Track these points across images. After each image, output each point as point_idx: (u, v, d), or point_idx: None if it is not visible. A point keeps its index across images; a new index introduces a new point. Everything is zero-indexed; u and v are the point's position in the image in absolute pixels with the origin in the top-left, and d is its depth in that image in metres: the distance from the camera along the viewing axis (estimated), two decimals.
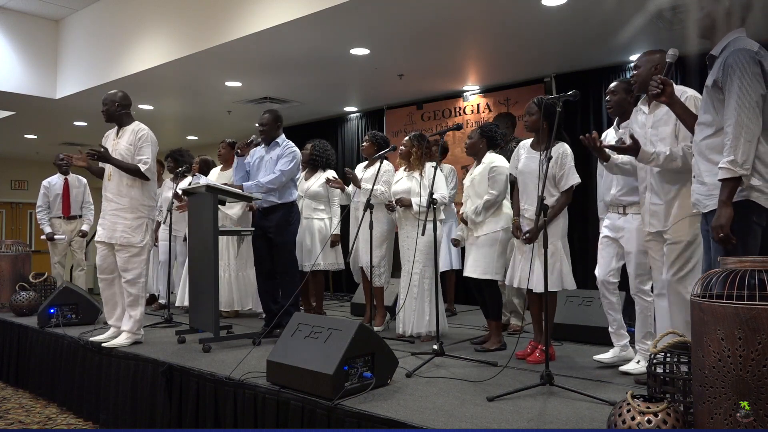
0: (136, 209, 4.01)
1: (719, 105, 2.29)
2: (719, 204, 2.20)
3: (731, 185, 2.18)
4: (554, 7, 4.46)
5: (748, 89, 2.18)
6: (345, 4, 4.38)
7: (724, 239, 2.17)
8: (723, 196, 2.19)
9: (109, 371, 3.91)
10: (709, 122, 2.35)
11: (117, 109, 4.11)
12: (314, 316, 3.27)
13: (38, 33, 7.16)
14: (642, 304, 3.20)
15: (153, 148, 4.07)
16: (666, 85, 2.53)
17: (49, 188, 6.56)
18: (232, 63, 5.87)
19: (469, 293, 6.11)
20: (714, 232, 2.20)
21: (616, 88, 3.36)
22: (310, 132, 8.16)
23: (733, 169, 2.16)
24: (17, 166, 12.10)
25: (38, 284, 5.77)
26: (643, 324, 3.20)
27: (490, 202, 3.82)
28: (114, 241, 3.99)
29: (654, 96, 2.55)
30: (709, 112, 2.34)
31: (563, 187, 3.48)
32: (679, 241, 2.76)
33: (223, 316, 5.14)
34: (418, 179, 4.20)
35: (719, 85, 2.27)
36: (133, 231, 3.99)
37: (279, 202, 4.34)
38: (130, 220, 3.99)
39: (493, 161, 3.89)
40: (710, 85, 2.32)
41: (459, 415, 2.48)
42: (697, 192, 2.42)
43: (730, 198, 2.18)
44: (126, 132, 4.09)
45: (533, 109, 3.58)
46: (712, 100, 2.33)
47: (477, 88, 6.82)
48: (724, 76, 2.24)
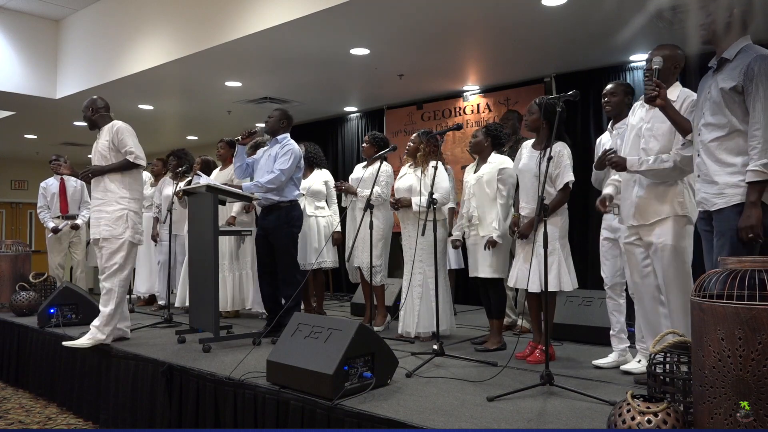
0: (115, 202, 4.05)
1: (736, 108, 2.33)
2: (749, 205, 2.25)
3: (760, 188, 2.24)
4: (554, 7, 4.46)
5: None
6: (345, 4, 4.38)
7: (754, 239, 2.23)
8: (752, 197, 2.24)
9: (109, 371, 3.91)
10: (722, 124, 2.38)
11: (92, 114, 4.21)
12: (314, 316, 3.27)
13: (38, 33, 7.16)
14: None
15: (132, 138, 4.11)
16: (661, 89, 2.59)
17: (46, 189, 6.65)
18: (232, 63, 5.87)
19: (469, 293, 6.12)
20: (743, 232, 2.25)
21: (616, 90, 3.39)
22: (310, 132, 8.17)
23: (765, 171, 2.22)
24: (17, 166, 12.10)
25: (38, 284, 5.77)
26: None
27: (507, 207, 3.86)
28: (97, 235, 4.05)
29: (650, 99, 2.62)
30: (722, 114, 2.37)
31: (559, 185, 3.50)
32: (665, 245, 2.77)
33: (223, 316, 5.14)
34: (419, 177, 4.19)
35: (739, 90, 2.31)
36: (113, 223, 4.02)
37: (279, 201, 4.34)
38: (110, 213, 4.04)
39: (503, 163, 3.90)
40: (728, 88, 2.35)
41: (459, 415, 2.48)
42: (703, 191, 2.44)
43: (759, 199, 2.24)
44: (103, 131, 4.18)
45: (534, 109, 3.61)
46: (727, 102, 2.36)
47: (477, 88, 6.82)
48: (747, 80, 2.29)
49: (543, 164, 3.25)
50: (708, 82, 2.49)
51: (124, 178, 4.09)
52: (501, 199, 3.85)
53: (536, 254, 3.38)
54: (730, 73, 2.35)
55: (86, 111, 4.22)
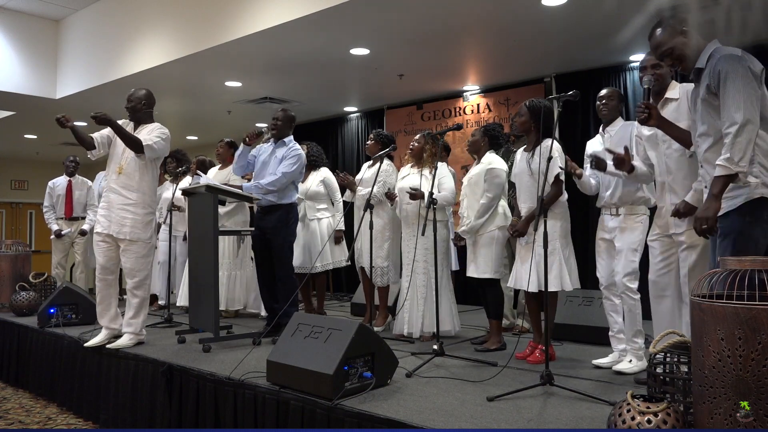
0: (147, 205, 4.00)
1: (714, 112, 2.34)
2: (710, 197, 2.25)
3: (724, 181, 2.22)
4: (554, 7, 4.46)
5: (742, 90, 2.23)
6: (345, 4, 4.38)
7: (708, 231, 2.23)
8: (715, 190, 2.23)
9: (109, 371, 3.91)
10: (711, 131, 2.39)
11: (143, 107, 4.11)
12: (314, 316, 3.27)
13: (38, 33, 7.16)
14: (629, 303, 3.22)
15: (165, 144, 4.02)
16: (651, 108, 2.62)
17: (53, 188, 6.65)
18: (232, 63, 5.87)
19: (469, 293, 6.12)
20: (698, 222, 2.26)
21: (612, 95, 3.41)
22: (310, 132, 8.17)
23: (728, 166, 2.19)
24: (17, 166, 12.10)
25: (38, 284, 5.77)
26: (631, 322, 3.23)
27: (486, 206, 3.84)
28: (122, 236, 3.92)
29: (643, 121, 2.64)
30: (707, 122, 2.39)
31: (550, 179, 3.49)
32: (696, 245, 2.74)
33: (223, 316, 5.14)
34: (428, 177, 4.14)
35: (713, 91, 2.32)
36: (144, 227, 3.97)
37: (278, 203, 4.34)
38: (141, 216, 3.96)
39: (491, 162, 3.90)
40: (705, 94, 2.36)
41: (459, 415, 2.48)
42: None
43: (722, 193, 2.24)
44: (144, 129, 4.05)
45: (523, 111, 3.62)
46: (707, 108, 2.38)
47: (477, 88, 6.82)
48: (715, 80, 2.29)
49: (542, 164, 3.24)
50: (693, 95, 2.53)
51: (154, 182, 4.05)
52: (484, 198, 3.83)
53: (536, 254, 3.38)
54: (704, 80, 2.38)
55: (137, 102, 4.09)
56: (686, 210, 2.64)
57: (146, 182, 4.00)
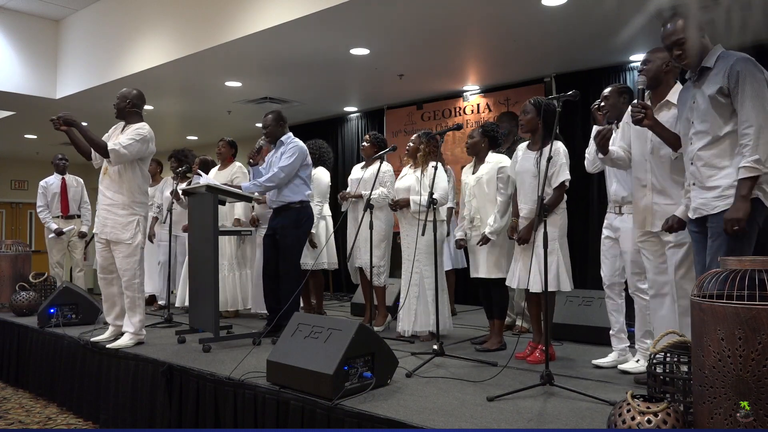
0: (128, 206, 3.97)
1: (724, 111, 2.37)
2: (739, 199, 2.29)
3: (751, 183, 2.28)
4: (554, 7, 4.46)
5: (759, 94, 2.30)
6: (345, 4, 4.38)
7: (739, 232, 2.26)
8: (743, 191, 2.28)
9: (109, 371, 3.91)
10: (713, 129, 2.42)
11: (127, 106, 4.08)
12: (314, 316, 3.27)
13: (38, 33, 7.16)
14: (640, 303, 3.22)
15: (141, 145, 3.91)
16: (647, 108, 2.66)
17: (46, 188, 6.60)
18: (232, 63, 5.87)
19: (469, 293, 6.12)
20: (729, 224, 2.28)
21: (610, 94, 3.43)
22: (310, 132, 8.14)
23: (757, 167, 2.26)
24: (17, 166, 12.10)
25: (38, 284, 5.77)
26: (642, 323, 3.22)
27: (506, 204, 3.84)
28: (104, 236, 4.00)
29: (638, 121, 2.68)
30: (712, 120, 2.41)
31: (554, 184, 3.50)
32: (683, 243, 2.76)
33: (223, 316, 5.14)
34: (418, 177, 4.20)
35: (725, 92, 2.36)
36: (123, 228, 3.95)
37: (290, 202, 4.36)
38: (121, 217, 3.96)
39: (501, 161, 3.91)
40: (714, 93, 2.39)
41: (459, 415, 2.48)
42: (700, 197, 2.47)
43: (749, 194, 2.28)
44: (129, 129, 4.05)
45: (529, 108, 3.61)
46: (715, 107, 2.39)
47: (477, 88, 6.82)
48: (732, 82, 2.33)
49: (543, 164, 3.24)
50: (690, 93, 2.54)
51: (140, 183, 4.00)
52: (501, 197, 3.84)
53: (536, 254, 3.38)
54: (713, 79, 2.41)
55: (122, 101, 4.05)
56: (678, 225, 2.69)
57: (129, 183, 3.97)
